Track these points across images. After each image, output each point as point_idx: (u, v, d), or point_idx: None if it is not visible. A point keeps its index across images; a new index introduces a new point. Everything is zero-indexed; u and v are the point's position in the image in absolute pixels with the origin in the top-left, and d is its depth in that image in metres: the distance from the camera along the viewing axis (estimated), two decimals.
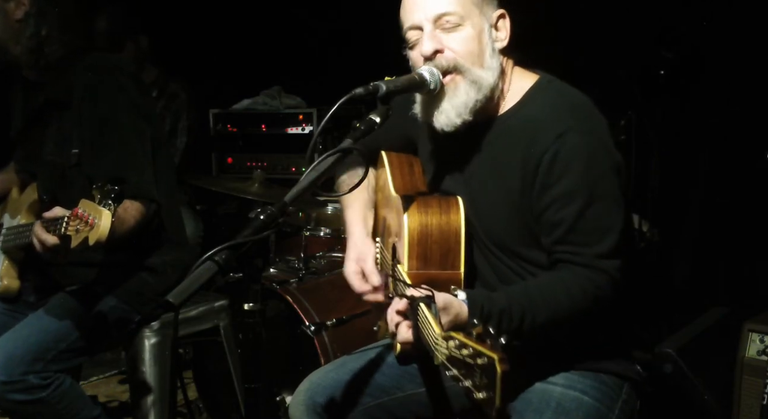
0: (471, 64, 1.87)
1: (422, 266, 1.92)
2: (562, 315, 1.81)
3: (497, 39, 1.92)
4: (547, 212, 1.84)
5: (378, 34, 4.38)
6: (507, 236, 1.94)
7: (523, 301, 1.79)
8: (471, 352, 1.35)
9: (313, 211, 3.64)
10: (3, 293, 2.68)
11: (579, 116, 1.87)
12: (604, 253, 1.81)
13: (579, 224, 1.81)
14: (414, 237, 1.92)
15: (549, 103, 1.90)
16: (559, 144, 1.80)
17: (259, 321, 3.28)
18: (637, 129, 3.37)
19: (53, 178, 2.60)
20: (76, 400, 2.56)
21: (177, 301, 1.51)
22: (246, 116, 4.65)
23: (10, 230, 2.67)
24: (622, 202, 1.85)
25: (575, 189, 1.80)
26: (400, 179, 2.14)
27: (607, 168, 1.83)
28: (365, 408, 2.06)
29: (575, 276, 1.82)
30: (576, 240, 1.82)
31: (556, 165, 1.81)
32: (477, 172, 1.98)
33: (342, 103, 1.72)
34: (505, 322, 1.76)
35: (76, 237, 2.10)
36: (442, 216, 1.93)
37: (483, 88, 1.88)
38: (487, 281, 2.01)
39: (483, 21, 1.89)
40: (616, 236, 1.82)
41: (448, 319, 1.70)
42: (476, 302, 1.75)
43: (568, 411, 1.88)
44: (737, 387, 2.81)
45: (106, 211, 2.05)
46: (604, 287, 1.82)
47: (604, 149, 1.85)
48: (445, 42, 1.87)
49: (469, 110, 1.88)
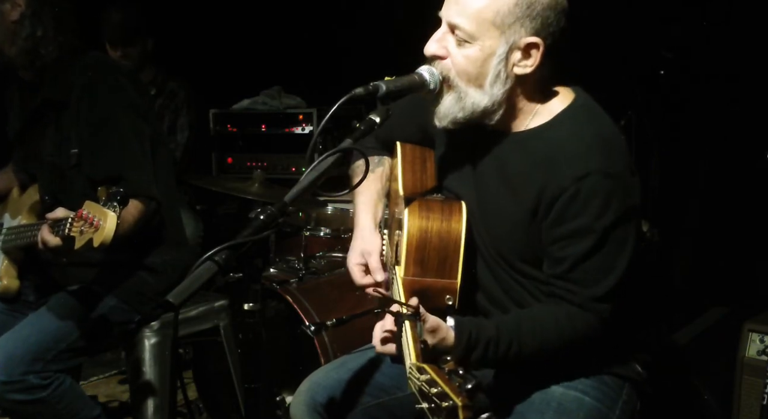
0: (465, 83, 1.83)
1: (418, 273, 1.90)
2: (549, 347, 1.84)
3: (518, 64, 1.82)
4: (554, 246, 1.83)
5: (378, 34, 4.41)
6: (510, 249, 1.93)
7: (512, 331, 1.81)
8: (439, 391, 1.36)
9: (313, 211, 3.64)
10: (3, 293, 2.68)
11: (603, 153, 1.81)
12: (600, 296, 1.82)
13: (582, 264, 1.81)
14: (413, 242, 1.90)
15: (577, 132, 1.84)
16: (579, 186, 1.78)
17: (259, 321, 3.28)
18: (637, 129, 3.37)
19: (53, 179, 2.60)
20: (76, 400, 2.56)
21: (177, 301, 1.51)
22: (246, 116, 4.65)
23: (10, 230, 2.67)
24: (629, 248, 1.83)
25: (586, 230, 1.79)
26: (410, 175, 2.11)
27: (622, 213, 1.80)
28: (365, 407, 2.06)
29: (567, 314, 1.84)
30: (575, 279, 1.82)
31: (573, 205, 1.79)
32: (488, 179, 1.96)
33: (342, 104, 1.72)
34: (491, 351, 1.78)
35: (80, 238, 2.10)
36: (443, 223, 1.91)
37: (467, 108, 1.85)
38: (491, 292, 2.00)
39: (500, 44, 1.79)
40: (614, 281, 1.81)
41: (433, 341, 1.71)
42: (464, 329, 1.76)
43: (569, 411, 1.88)
44: (737, 387, 2.81)
45: (112, 213, 2.05)
46: (594, 326, 1.84)
47: (622, 193, 1.81)
48: (450, 50, 1.84)
49: (449, 121, 1.87)
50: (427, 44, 1.87)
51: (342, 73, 4.54)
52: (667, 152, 3.54)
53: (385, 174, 2.28)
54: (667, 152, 3.52)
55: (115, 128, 2.49)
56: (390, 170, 2.30)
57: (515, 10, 1.77)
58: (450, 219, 1.92)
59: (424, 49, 1.87)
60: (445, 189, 2.08)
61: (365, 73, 1.89)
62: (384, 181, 2.26)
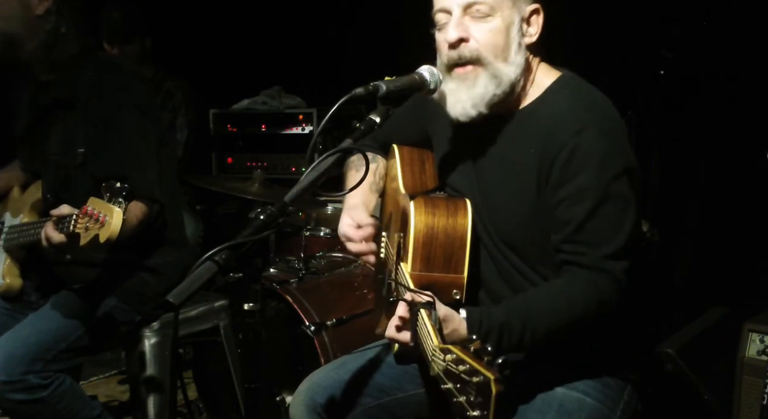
0: (494, 58, 1.85)
1: (425, 268, 1.91)
2: (563, 324, 1.80)
3: (527, 34, 1.89)
4: (558, 208, 1.83)
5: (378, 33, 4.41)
6: (518, 235, 1.93)
7: (522, 314, 1.79)
8: (467, 368, 1.35)
9: (313, 211, 3.64)
10: (5, 292, 2.68)
11: (598, 114, 1.86)
12: (611, 254, 1.80)
13: (588, 222, 1.80)
14: (419, 239, 1.91)
15: (568, 100, 1.88)
16: (576, 141, 1.79)
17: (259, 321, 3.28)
18: (637, 129, 3.37)
19: (57, 178, 2.60)
20: (76, 400, 2.56)
21: (177, 301, 1.51)
22: (246, 116, 4.65)
23: (12, 229, 2.67)
24: (634, 205, 1.83)
25: (588, 187, 1.80)
26: (410, 176, 2.13)
27: (621, 169, 1.81)
28: (365, 408, 2.06)
29: (577, 282, 1.81)
30: (583, 239, 1.81)
31: (573, 162, 1.80)
32: (491, 168, 1.97)
33: (342, 104, 1.72)
34: (506, 337, 1.76)
35: (85, 235, 2.09)
36: (449, 219, 1.92)
37: (503, 83, 1.86)
38: (491, 285, 2.00)
39: (514, 14, 1.86)
40: (624, 238, 1.81)
41: (446, 332, 1.70)
42: (474, 319, 1.75)
43: (570, 412, 1.88)
44: (737, 387, 2.80)
45: (118, 209, 2.04)
46: (608, 290, 1.80)
47: (620, 150, 1.84)
48: (471, 31, 1.85)
49: (485, 103, 1.87)
50: (448, 33, 1.86)
51: (342, 73, 4.54)
52: (667, 152, 3.54)
53: (378, 171, 2.29)
54: (667, 152, 3.52)
55: (120, 128, 2.49)
56: (384, 169, 2.31)
57: None
58: (456, 215, 1.93)
59: (447, 38, 1.86)
60: (448, 187, 2.09)
61: (365, 73, 1.89)
62: (377, 177, 2.27)
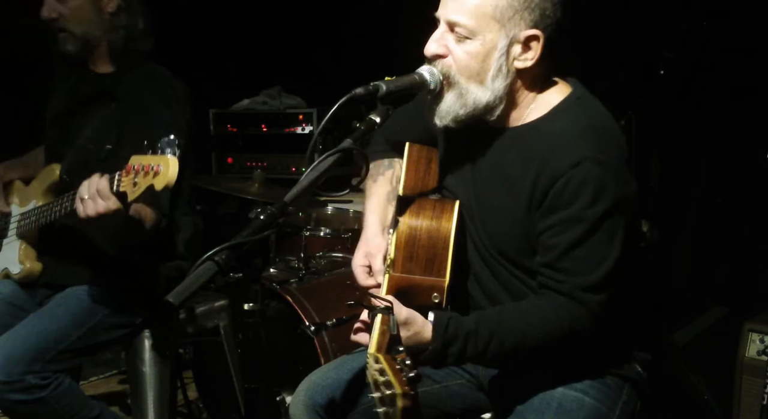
0: (466, 79, 1.84)
1: (407, 270, 1.89)
2: (531, 342, 1.81)
3: (519, 58, 1.83)
4: (544, 234, 1.83)
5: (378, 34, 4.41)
6: (509, 245, 1.93)
7: (492, 325, 1.79)
8: (385, 380, 1.39)
9: (313, 211, 3.64)
10: (27, 277, 2.66)
11: (598, 142, 1.81)
12: (588, 285, 1.79)
13: (571, 252, 1.79)
14: (402, 239, 1.90)
15: (571, 124, 1.85)
16: (572, 173, 1.77)
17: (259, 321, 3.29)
18: (637, 129, 3.37)
19: (79, 163, 2.61)
20: (75, 400, 2.56)
21: (177, 301, 1.51)
22: (246, 116, 4.65)
23: (27, 214, 2.65)
24: (621, 238, 1.80)
25: (577, 217, 1.78)
26: (412, 176, 2.11)
27: (613, 203, 1.78)
28: (365, 408, 2.06)
29: (553, 305, 1.81)
30: (563, 268, 1.81)
31: (566, 192, 1.78)
32: (486, 177, 1.96)
33: (342, 104, 1.72)
34: (470, 345, 1.77)
35: (134, 191, 2.09)
36: (433, 221, 1.91)
37: (468, 104, 1.85)
38: (490, 289, 2.00)
39: (501, 38, 1.80)
40: (605, 271, 1.79)
41: (407, 334, 1.72)
42: (441, 323, 1.75)
43: (569, 411, 1.88)
44: (737, 387, 2.81)
45: (172, 157, 2.05)
46: (581, 320, 1.80)
47: (615, 181, 1.79)
48: (451, 47, 1.84)
49: (450, 118, 1.87)
50: (427, 45, 1.87)
51: (342, 73, 4.54)
52: (667, 152, 3.54)
53: (395, 176, 2.28)
54: (667, 152, 3.52)
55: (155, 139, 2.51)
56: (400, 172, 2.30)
57: (514, 2, 1.78)
58: (440, 218, 1.92)
59: (425, 50, 1.87)
60: (445, 189, 2.09)
61: (365, 73, 1.89)
62: (394, 183, 2.27)
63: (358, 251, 2.11)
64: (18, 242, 2.69)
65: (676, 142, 3.70)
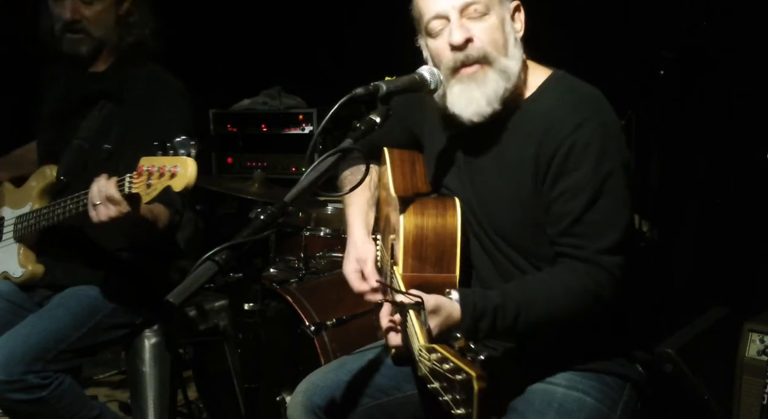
0: (498, 54, 1.88)
1: (417, 269, 1.91)
2: (559, 312, 1.81)
3: (515, 29, 1.93)
4: (556, 202, 1.84)
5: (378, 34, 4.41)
6: (514, 231, 1.93)
7: (518, 297, 1.79)
8: (451, 367, 1.37)
9: (313, 211, 3.64)
10: (29, 280, 2.66)
11: (594, 108, 1.88)
12: (607, 248, 1.81)
13: (585, 216, 1.81)
14: (409, 239, 1.91)
15: (563, 97, 1.90)
16: (575, 136, 1.81)
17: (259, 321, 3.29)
18: (637, 129, 3.37)
19: (76, 163, 2.61)
20: (76, 400, 2.56)
21: (177, 301, 1.51)
22: (246, 116, 4.65)
23: (25, 217, 2.63)
24: (629, 200, 1.85)
25: (586, 182, 1.81)
26: (401, 178, 2.13)
27: (618, 164, 1.84)
28: (364, 409, 2.06)
29: (575, 272, 1.82)
30: (580, 233, 1.82)
31: (572, 156, 1.81)
32: (485, 166, 1.97)
33: (342, 104, 1.73)
34: (500, 319, 1.76)
35: (148, 192, 2.08)
36: (438, 218, 1.93)
37: (511, 76, 1.88)
38: (487, 280, 2.00)
39: (504, 10, 1.91)
40: (619, 233, 1.82)
41: (438, 321, 1.71)
42: (468, 301, 1.75)
43: (570, 411, 1.88)
44: (737, 387, 2.80)
45: (189, 158, 2.06)
46: (604, 284, 1.81)
47: (617, 144, 1.86)
48: (473, 31, 1.87)
49: (499, 98, 1.88)
50: (452, 36, 1.86)
51: (342, 73, 4.54)
52: (667, 151, 3.54)
53: (373, 182, 2.29)
54: (666, 152, 3.52)
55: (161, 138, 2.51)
56: (377, 177, 2.31)
57: None
58: (445, 215, 1.93)
59: (451, 40, 1.86)
60: (441, 187, 2.09)
61: (365, 73, 1.89)
62: (372, 189, 2.28)
63: (348, 258, 2.13)
64: (16, 245, 2.68)
65: (676, 142, 3.70)
